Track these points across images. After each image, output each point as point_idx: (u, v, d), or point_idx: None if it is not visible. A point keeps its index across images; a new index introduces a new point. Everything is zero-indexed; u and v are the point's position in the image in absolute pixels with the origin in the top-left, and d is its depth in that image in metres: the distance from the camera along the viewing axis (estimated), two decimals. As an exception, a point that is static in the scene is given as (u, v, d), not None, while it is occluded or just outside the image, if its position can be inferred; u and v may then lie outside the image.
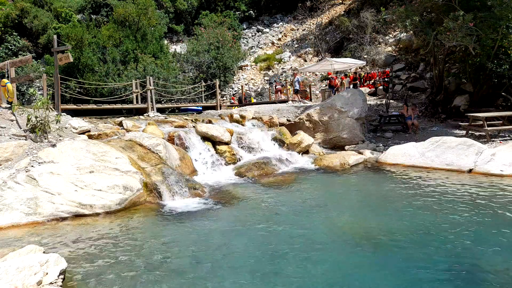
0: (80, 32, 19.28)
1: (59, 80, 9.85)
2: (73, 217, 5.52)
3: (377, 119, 13.98)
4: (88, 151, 6.71)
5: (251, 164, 8.70)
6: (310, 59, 25.72)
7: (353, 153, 9.95)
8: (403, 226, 4.93)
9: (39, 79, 18.98)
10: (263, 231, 4.92)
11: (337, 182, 7.71)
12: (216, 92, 15.60)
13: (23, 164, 6.20)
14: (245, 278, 3.70)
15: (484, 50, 11.76)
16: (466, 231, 4.63)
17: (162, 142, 7.89)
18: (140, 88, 14.78)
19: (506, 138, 10.48)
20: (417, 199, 6.06)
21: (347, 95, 12.17)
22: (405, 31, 17.86)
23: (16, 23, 25.44)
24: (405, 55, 20.60)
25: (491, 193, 6.17)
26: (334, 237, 4.69)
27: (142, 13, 21.17)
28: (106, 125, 9.32)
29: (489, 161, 7.66)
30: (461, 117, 12.96)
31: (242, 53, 26.24)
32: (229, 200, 6.49)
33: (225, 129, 9.79)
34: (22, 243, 4.48)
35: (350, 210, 5.77)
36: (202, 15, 29.08)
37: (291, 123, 12.10)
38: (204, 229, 5.08)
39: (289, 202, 6.25)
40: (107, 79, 18.65)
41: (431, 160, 8.42)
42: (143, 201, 6.30)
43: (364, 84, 20.68)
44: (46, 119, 7.32)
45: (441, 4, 11.67)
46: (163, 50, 21.93)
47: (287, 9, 31.74)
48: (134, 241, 4.67)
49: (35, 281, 3.27)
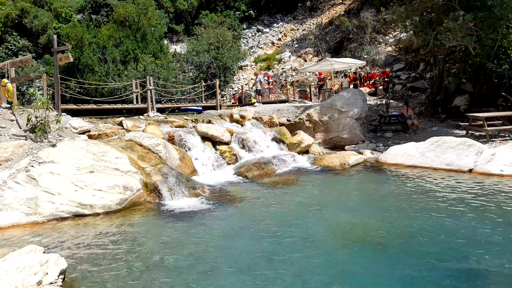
0: (80, 32, 19.29)
1: (59, 80, 9.85)
2: (73, 217, 5.53)
3: (377, 119, 13.98)
4: (88, 151, 6.71)
5: (251, 164, 8.70)
6: (310, 59, 25.71)
7: (353, 153, 9.95)
8: (403, 226, 4.93)
9: (39, 79, 18.98)
10: (263, 231, 4.92)
11: (337, 182, 7.71)
12: (216, 92, 15.59)
13: (23, 164, 6.20)
14: (245, 278, 3.70)
15: (484, 50, 11.76)
16: (466, 231, 4.63)
17: (162, 142, 7.89)
18: (140, 88, 14.76)
19: (506, 138, 10.48)
20: (417, 199, 6.06)
21: (347, 95, 12.16)
22: (405, 31, 17.86)
23: (16, 23, 25.41)
24: (405, 55, 20.60)
25: (491, 193, 6.16)
26: (334, 237, 4.69)
27: (142, 13, 21.18)
28: (106, 125, 9.32)
29: (489, 161, 7.66)
30: (461, 117, 12.97)
31: (242, 53, 26.22)
32: (229, 200, 6.49)
33: (225, 129, 9.80)
34: (22, 243, 4.49)
35: (350, 210, 5.77)
36: (202, 15, 29.07)
37: (291, 123, 12.10)
38: (204, 229, 5.09)
39: (289, 202, 6.25)
40: (107, 79, 18.65)
41: (431, 160, 8.42)
42: (143, 201, 6.30)
43: (364, 84, 20.69)
44: (46, 119, 7.32)
45: (441, 4, 11.68)
46: (163, 50, 21.93)
47: (287, 9, 31.73)
48: (134, 241, 4.68)
49: (35, 281, 3.27)
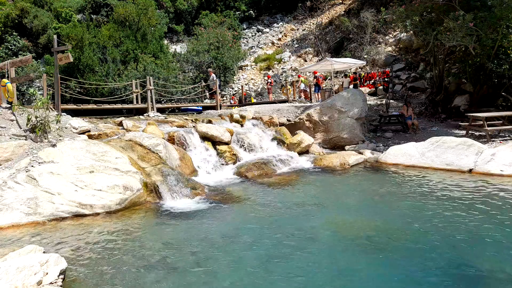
0: (80, 32, 19.29)
1: (59, 80, 9.85)
2: (73, 217, 5.53)
3: (377, 119, 13.98)
4: (88, 151, 6.71)
5: (251, 164, 8.70)
6: (310, 59, 25.72)
7: (353, 153, 9.95)
8: (403, 226, 4.93)
9: (39, 79, 19.01)
10: (263, 231, 4.92)
11: (337, 182, 7.71)
12: (216, 92, 15.59)
13: (23, 164, 6.20)
14: (245, 278, 3.70)
15: (484, 50, 11.75)
16: (466, 231, 4.63)
17: (162, 142, 7.89)
18: (140, 88, 14.75)
19: (506, 138, 10.49)
20: (417, 199, 6.06)
21: (347, 95, 12.16)
22: (405, 31, 17.85)
23: (16, 23, 25.41)
24: (405, 55, 20.60)
25: (491, 193, 6.17)
26: (334, 237, 4.69)
27: (142, 13, 21.18)
28: (106, 125, 9.32)
29: (489, 161, 7.65)
30: (461, 117, 12.97)
31: (242, 53, 26.23)
32: (229, 200, 6.49)
33: (225, 129, 9.79)
34: (22, 243, 4.49)
35: (350, 210, 5.78)
36: (202, 15, 29.06)
37: (291, 123, 12.10)
38: (204, 229, 5.09)
39: (289, 202, 6.24)
40: (107, 79, 18.66)
41: (431, 160, 8.42)
42: (143, 201, 6.30)
43: (364, 84, 20.69)
44: (46, 119, 7.32)
45: (441, 4, 11.67)
46: (163, 50, 21.92)
47: (287, 9, 31.73)
48: (134, 241, 4.68)
49: (35, 281, 3.27)
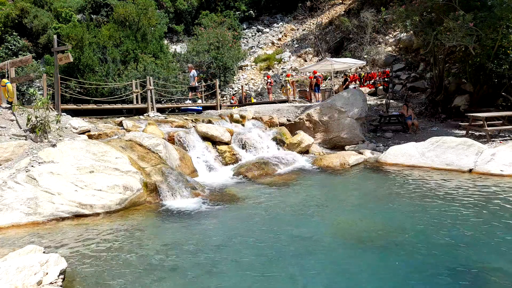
0: (80, 32, 19.30)
1: (59, 80, 9.84)
2: (73, 217, 5.52)
3: (377, 119, 13.98)
4: (88, 151, 6.71)
5: (251, 164, 8.70)
6: (310, 59, 25.72)
7: (353, 153, 9.95)
8: (404, 225, 4.93)
9: (39, 79, 19.03)
10: (263, 231, 4.92)
11: (337, 182, 7.72)
12: (216, 92, 15.59)
13: (23, 164, 6.20)
14: (245, 278, 3.70)
15: (484, 50, 11.76)
16: (466, 231, 4.63)
17: (162, 142, 7.89)
18: (140, 88, 14.75)
19: (506, 138, 10.49)
20: (417, 199, 6.06)
21: (347, 95, 12.16)
22: (405, 31, 17.85)
23: (16, 23, 25.42)
24: (405, 55, 20.61)
25: (491, 193, 6.17)
26: (334, 237, 4.69)
27: (142, 13, 21.20)
28: (106, 125, 9.31)
29: (489, 161, 7.65)
30: (461, 117, 12.97)
31: (242, 53, 26.24)
32: (229, 200, 6.49)
33: (225, 129, 9.79)
34: (22, 243, 4.49)
35: (350, 210, 5.78)
36: (202, 15, 29.07)
37: (291, 123, 12.10)
38: (204, 229, 5.09)
39: (289, 202, 6.24)
40: (107, 79, 18.67)
41: (431, 160, 8.42)
42: (143, 201, 6.30)
43: (364, 84, 20.69)
44: (46, 119, 7.31)
45: (441, 4, 11.67)
46: (163, 50, 21.94)
47: (287, 9, 31.74)
48: (134, 241, 4.68)
49: (35, 281, 3.27)
